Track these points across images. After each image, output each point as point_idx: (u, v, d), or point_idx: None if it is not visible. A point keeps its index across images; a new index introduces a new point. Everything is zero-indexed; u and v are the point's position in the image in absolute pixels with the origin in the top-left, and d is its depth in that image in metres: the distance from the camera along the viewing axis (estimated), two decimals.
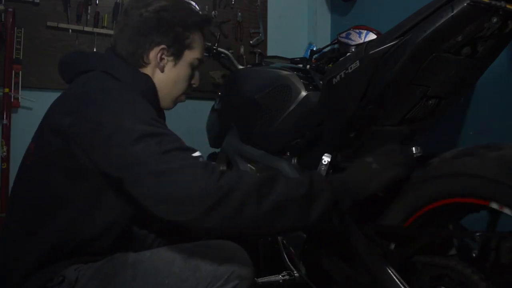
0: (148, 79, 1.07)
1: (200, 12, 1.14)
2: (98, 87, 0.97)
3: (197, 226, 0.83)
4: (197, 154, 0.89)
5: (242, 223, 0.82)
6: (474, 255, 0.92)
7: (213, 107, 1.87)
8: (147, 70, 1.08)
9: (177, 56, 1.10)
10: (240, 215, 0.80)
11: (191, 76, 1.16)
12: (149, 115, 0.93)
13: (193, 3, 1.16)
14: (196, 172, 0.82)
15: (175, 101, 1.18)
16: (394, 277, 0.90)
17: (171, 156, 0.84)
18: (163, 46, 1.07)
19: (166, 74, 1.10)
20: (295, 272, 1.25)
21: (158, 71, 1.09)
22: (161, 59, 1.08)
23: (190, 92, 1.21)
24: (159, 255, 0.99)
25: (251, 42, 2.63)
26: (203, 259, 0.97)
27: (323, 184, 0.88)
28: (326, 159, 1.20)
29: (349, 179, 0.92)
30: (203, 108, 2.10)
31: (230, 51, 1.81)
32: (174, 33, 1.07)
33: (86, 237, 0.98)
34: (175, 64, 1.10)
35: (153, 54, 1.07)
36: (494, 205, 0.82)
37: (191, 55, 1.12)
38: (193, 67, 1.15)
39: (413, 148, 1.03)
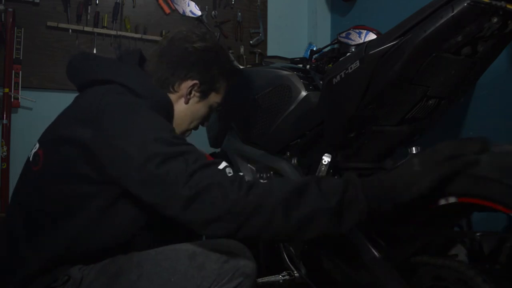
0: (168, 99, 1.10)
1: (234, 63, 1.20)
2: (119, 101, 0.97)
3: (232, 238, 0.88)
4: (222, 166, 0.90)
5: (272, 233, 0.85)
6: (474, 255, 0.92)
7: None
8: (172, 97, 1.11)
9: (204, 94, 1.14)
10: (269, 227, 0.84)
11: (206, 117, 1.21)
12: (170, 133, 0.94)
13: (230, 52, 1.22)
14: (224, 190, 0.84)
15: (184, 133, 1.20)
16: (394, 277, 0.90)
17: (198, 177, 0.85)
18: (196, 81, 1.11)
19: (188, 107, 1.14)
20: (295, 272, 1.25)
21: (181, 102, 1.13)
22: (190, 92, 1.13)
23: (196, 130, 1.24)
24: (164, 254, 1.00)
25: (251, 42, 2.63)
26: (208, 257, 0.99)
27: (358, 191, 0.84)
28: (326, 159, 1.20)
29: (388, 184, 0.87)
30: None
31: (230, 51, 1.81)
32: (210, 74, 1.13)
33: (93, 246, 0.98)
34: (199, 101, 1.15)
35: (185, 85, 1.11)
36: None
37: (214, 98, 1.17)
38: (211, 109, 1.19)
39: (413, 148, 1.03)
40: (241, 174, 0.93)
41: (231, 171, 0.90)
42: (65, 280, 0.96)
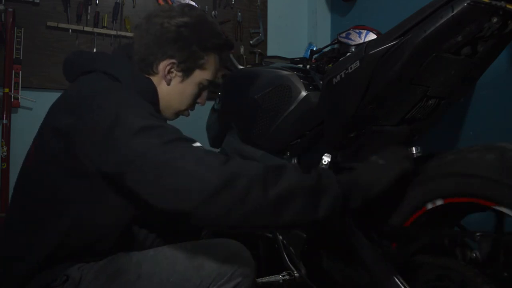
0: (149, 82, 1.07)
1: (223, 36, 1.14)
2: (97, 86, 0.97)
3: (199, 216, 0.80)
4: (197, 144, 0.89)
5: (247, 212, 0.78)
6: (474, 255, 0.92)
7: (213, 107, 1.87)
8: (154, 79, 1.09)
9: (186, 73, 1.10)
10: (244, 202, 0.77)
11: (197, 95, 1.16)
12: (147, 110, 0.93)
13: (218, 25, 1.15)
14: (198, 158, 0.82)
15: (177, 114, 1.17)
16: (394, 277, 0.90)
17: (172, 145, 0.84)
18: (173, 60, 1.07)
19: (171, 87, 1.10)
20: (295, 272, 1.25)
21: (164, 83, 1.09)
22: (169, 72, 1.08)
23: (192, 109, 1.21)
24: (162, 254, 1.00)
25: (251, 42, 2.63)
26: (206, 257, 0.99)
27: (332, 179, 0.85)
28: (326, 159, 1.20)
29: (357, 177, 0.89)
30: (203, 108, 2.10)
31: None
32: (189, 51, 1.07)
33: (88, 237, 0.98)
34: (182, 80, 1.10)
35: (163, 65, 1.07)
36: (501, 208, 0.81)
37: (201, 75, 1.11)
38: (201, 87, 1.14)
39: (413, 148, 1.03)
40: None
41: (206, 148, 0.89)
42: (64, 280, 0.96)
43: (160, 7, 1.11)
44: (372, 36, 1.50)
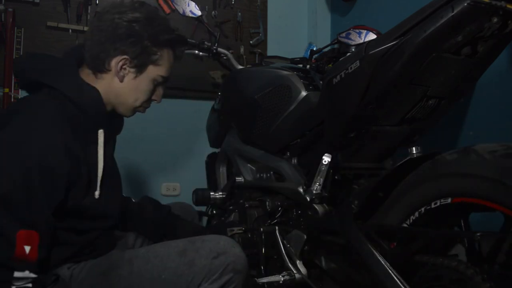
0: (93, 93, 1.05)
1: (175, 31, 1.13)
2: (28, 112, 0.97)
3: None
4: None
5: None
6: (474, 255, 0.92)
7: (213, 107, 1.87)
8: (107, 76, 1.08)
9: (139, 69, 1.09)
10: None
11: (151, 92, 1.14)
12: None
13: (170, 21, 1.14)
14: None
15: (133, 111, 1.16)
16: (394, 277, 0.90)
17: None
18: (126, 56, 1.06)
19: (124, 84, 1.09)
20: (295, 272, 1.25)
21: (116, 80, 1.08)
22: (122, 68, 1.07)
23: (148, 106, 1.19)
24: (154, 251, 1.01)
25: (251, 42, 2.63)
26: (197, 253, 1.00)
27: None
28: (326, 159, 1.20)
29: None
30: (203, 108, 2.10)
31: (230, 51, 1.81)
32: (141, 47, 1.06)
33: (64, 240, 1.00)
34: (135, 77, 1.09)
35: (115, 62, 1.06)
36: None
37: (155, 71, 1.11)
38: (156, 83, 1.13)
39: (413, 148, 1.03)
40: None
41: None
42: (54, 279, 0.97)
43: (111, 3, 1.08)
44: (372, 36, 1.50)
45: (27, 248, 0.83)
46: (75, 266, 0.99)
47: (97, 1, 2.27)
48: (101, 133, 1.06)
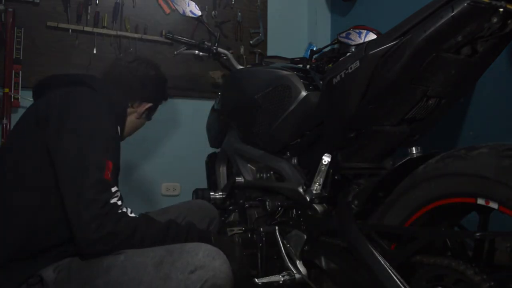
0: (121, 97, 1.27)
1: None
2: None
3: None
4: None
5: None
6: (474, 255, 0.92)
7: (213, 107, 1.87)
8: (129, 110, 1.32)
9: (151, 113, 1.41)
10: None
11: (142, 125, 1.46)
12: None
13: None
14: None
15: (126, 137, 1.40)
16: (394, 277, 0.90)
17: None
18: (151, 104, 1.37)
19: (138, 121, 1.38)
20: (295, 272, 1.25)
21: (134, 116, 1.35)
22: (145, 110, 1.36)
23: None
24: (132, 261, 0.97)
25: (251, 42, 2.63)
26: (174, 266, 0.94)
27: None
28: (326, 159, 1.20)
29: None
30: (203, 108, 2.10)
31: (230, 51, 1.81)
32: (159, 97, 1.40)
33: (46, 230, 1.02)
34: (145, 117, 1.39)
35: (143, 106, 1.35)
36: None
37: (151, 115, 1.43)
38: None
39: (413, 148, 1.03)
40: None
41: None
42: (38, 280, 0.97)
43: (138, 57, 1.39)
44: (372, 36, 1.50)
45: (108, 173, 1.02)
46: (60, 268, 0.99)
47: (97, 1, 2.27)
48: (118, 128, 1.20)
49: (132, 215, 1.02)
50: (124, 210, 1.01)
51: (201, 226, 1.38)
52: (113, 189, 1.00)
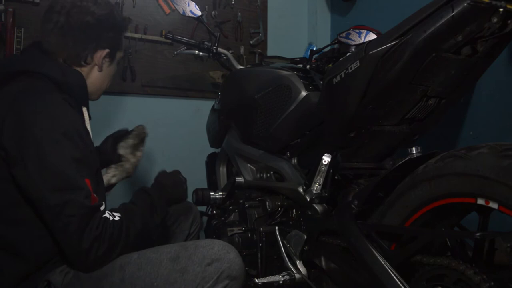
0: (80, 77, 1.13)
1: (122, 15, 1.26)
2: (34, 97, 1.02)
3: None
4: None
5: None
6: (474, 255, 0.92)
7: (213, 107, 1.87)
8: (85, 69, 1.16)
9: (113, 57, 1.22)
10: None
11: (116, 71, 1.29)
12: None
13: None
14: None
15: (101, 94, 1.28)
16: (394, 277, 0.90)
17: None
18: (107, 50, 1.18)
19: (103, 72, 1.21)
20: (295, 272, 1.25)
21: (95, 70, 1.19)
22: (103, 60, 1.19)
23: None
24: (146, 257, 0.98)
25: (251, 42, 2.63)
26: (190, 260, 0.97)
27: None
28: (326, 159, 1.20)
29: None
30: (203, 108, 2.10)
31: (230, 51, 1.81)
32: (115, 38, 1.20)
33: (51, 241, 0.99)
34: (110, 64, 1.22)
35: (98, 56, 1.16)
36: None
37: (119, 55, 1.25)
38: (117, 64, 1.27)
39: (413, 148, 1.03)
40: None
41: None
42: (45, 285, 0.96)
43: (74, 2, 1.13)
44: (372, 36, 1.50)
45: (91, 195, 0.96)
46: (67, 270, 0.98)
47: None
48: (85, 110, 1.14)
49: (113, 216, 0.99)
50: (107, 215, 0.97)
51: (186, 223, 1.53)
52: (102, 208, 0.97)
